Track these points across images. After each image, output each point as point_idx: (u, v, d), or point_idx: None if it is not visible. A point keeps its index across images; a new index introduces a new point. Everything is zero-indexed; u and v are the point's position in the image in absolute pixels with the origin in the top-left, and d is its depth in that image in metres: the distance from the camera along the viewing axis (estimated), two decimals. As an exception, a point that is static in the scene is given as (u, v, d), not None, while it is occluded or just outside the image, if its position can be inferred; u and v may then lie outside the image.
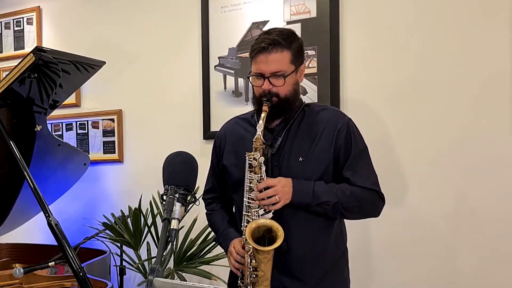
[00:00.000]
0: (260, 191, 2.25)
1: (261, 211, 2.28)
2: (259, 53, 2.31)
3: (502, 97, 3.15)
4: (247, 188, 2.30)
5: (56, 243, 2.40)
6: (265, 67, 2.31)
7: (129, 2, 4.45)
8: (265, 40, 2.31)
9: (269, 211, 2.27)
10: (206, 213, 2.74)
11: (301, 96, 3.50)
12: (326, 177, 2.38)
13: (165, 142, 4.22)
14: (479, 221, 3.23)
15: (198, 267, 3.70)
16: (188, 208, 2.14)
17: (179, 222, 2.03)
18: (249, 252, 2.25)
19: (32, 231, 4.08)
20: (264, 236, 2.27)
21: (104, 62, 3.06)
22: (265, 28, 3.72)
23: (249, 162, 2.29)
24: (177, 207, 2.04)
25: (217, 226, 2.65)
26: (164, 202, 2.07)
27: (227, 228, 2.55)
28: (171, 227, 1.99)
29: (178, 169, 2.17)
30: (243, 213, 2.32)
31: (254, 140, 2.29)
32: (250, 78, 2.41)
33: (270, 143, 2.37)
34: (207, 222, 2.83)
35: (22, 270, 2.37)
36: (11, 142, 2.66)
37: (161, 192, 2.13)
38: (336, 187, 2.34)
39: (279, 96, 2.33)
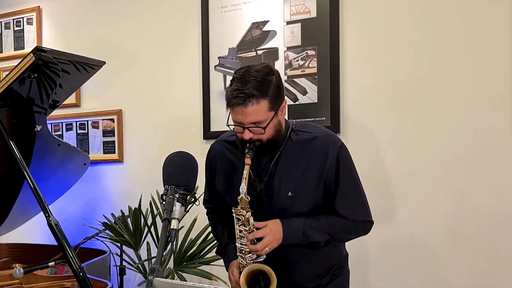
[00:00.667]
0: (251, 241, 2.27)
1: (254, 255, 2.30)
2: (235, 106, 2.22)
3: (502, 96, 3.15)
4: (238, 236, 2.30)
5: (56, 243, 2.40)
6: (243, 118, 2.22)
7: (129, 2, 4.44)
8: (239, 95, 2.19)
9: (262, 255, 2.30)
10: (208, 219, 2.77)
11: (301, 96, 3.57)
12: (317, 209, 2.38)
13: (165, 142, 4.22)
14: (480, 221, 3.22)
15: (198, 267, 3.70)
16: (188, 208, 2.13)
17: (179, 222, 2.02)
18: None
19: (32, 231, 4.07)
20: (259, 276, 2.29)
21: (104, 62, 3.06)
22: (265, 29, 3.76)
23: (237, 217, 2.28)
24: (177, 207, 2.03)
25: (217, 239, 2.72)
26: (164, 202, 2.06)
27: (227, 244, 2.57)
28: (171, 227, 1.98)
29: (178, 169, 2.16)
30: (237, 254, 2.34)
31: (238, 199, 2.24)
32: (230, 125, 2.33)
33: (259, 178, 2.37)
34: (207, 222, 2.85)
35: (22, 270, 2.37)
36: (11, 142, 2.65)
37: (161, 192, 2.13)
38: (327, 223, 2.36)
39: (261, 141, 2.27)
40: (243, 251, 2.30)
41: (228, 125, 2.34)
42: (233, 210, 2.28)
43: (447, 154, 3.29)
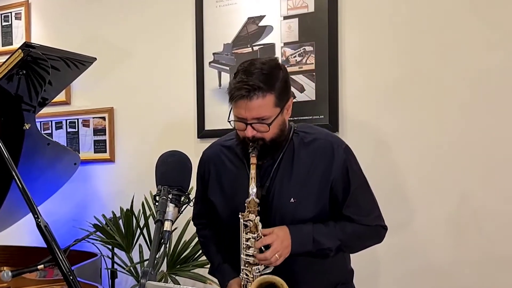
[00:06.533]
0: (259, 250, 2.13)
1: (261, 267, 2.15)
2: (238, 99, 2.10)
3: (504, 95, 3.12)
4: (244, 246, 2.15)
5: (45, 245, 2.35)
6: (247, 113, 2.11)
7: (121, -3, 4.44)
8: (244, 86, 2.07)
9: (269, 266, 2.17)
10: (199, 238, 2.67)
11: (298, 93, 3.56)
12: (322, 216, 2.27)
13: (158, 141, 4.20)
14: (482, 222, 3.20)
15: (192, 270, 3.67)
16: (182, 209, 2.10)
17: (173, 224, 2.00)
18: None
19: (20, 233, 4.04)
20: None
21: (95, 59, 3.08)
22: (261, 24, 3.72)
23: (244, 223, 2.15)
24: (170, 208, 2.00)
25: (211, 259, 2.55)
26: (157, 203, 2.03)
27: (222, 264, 2.45)
28: (164, 229, 1.96)
29: (171, 169, 2.14)
30: (241, 267, 2.18)
31: (247, 202, 2.13)
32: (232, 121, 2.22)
33: (260, 184, 2.24)
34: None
35: (10, 274, 2.27)
36: (-2, 141, 2.63)
37: (154, 192, 2.10)
38: (337, 228, 2.25)
39: (264, 140, 2.16)
40: (249, 264, 2.15)
41: (229, 121, 2.23)
42: (240, 216, 2.14)
43: (449, 153, 3.26)
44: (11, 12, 4.90)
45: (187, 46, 4.07)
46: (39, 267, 2.31)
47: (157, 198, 2.04)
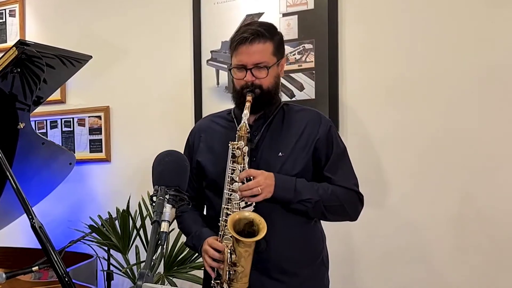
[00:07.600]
0: (242, 182, 2.26)
1: (242, 204, 2.29)
2: (241, 44, 2.33)
3: (508, 93, 3.09)
4: (229, 179, 2.30)
5: (40, 247, 2.33)
6: (247, 58, 2.32)
7: (117, -5, 4.41)
8: (247, 31, 2.32)
9: (251, 204, 2.29)
10: (176, 216, 2.63)
11: (298, 92, 3.55)
12: (305, 174, 2.39)
13: (154, 141, 4.17)
14: (485, 223, 3.17)
15: (190, 272, 3.66)
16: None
17: (170, 225, 1.94)
18: (229, 246, 2.25)
19: (15, 234, 4.00)
20: (244, 231, 2.26)
21: (91, 57, 3.05)
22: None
23: (232, 151, 2.30)
24: (168, 209, 1.95)
25: (189, 228, 2.60)
26: (153, 204, 1.98)
27: (201, 228, 2.50)
28: (161, 230, 1.90)
29: (168, 169, 2.08)
30: (223, 206, 2.31)
31: (238, 129, 2.31)
32: (231, 70, 2.42)
33: (249, 138, 2.37)
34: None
35: (4, 275, 2.29)
36: (-8, 140, 2.63)
37: (151, 193, 2.05)
38: (318, 185, 2.36)
39: (261, 88, 2.35)
40: (231, 199, 2.29)
41: (229, 69, 2.44)
42: (229, 144, 2.32)
43: (451, 152, 3.23)
44: (5, 10, 4.87)
45: (184, 44, 4.04)
46: (33, 268, 2.32)
47: (154, 198, 1.99)
